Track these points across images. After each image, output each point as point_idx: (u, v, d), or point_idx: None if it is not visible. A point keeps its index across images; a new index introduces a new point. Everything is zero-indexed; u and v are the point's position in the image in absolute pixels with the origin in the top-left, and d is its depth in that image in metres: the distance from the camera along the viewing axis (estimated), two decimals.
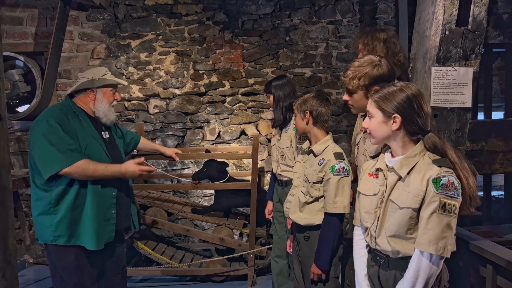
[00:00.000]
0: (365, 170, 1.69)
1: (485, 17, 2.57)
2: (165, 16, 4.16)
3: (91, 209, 2.06)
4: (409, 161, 1.49)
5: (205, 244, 3.94)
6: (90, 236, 2.06)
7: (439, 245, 1.38)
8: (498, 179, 5.50)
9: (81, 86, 2.18)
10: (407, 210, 1.45)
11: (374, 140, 1.59)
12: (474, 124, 2.83)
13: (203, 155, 3.62)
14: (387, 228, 1.51)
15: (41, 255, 4.12)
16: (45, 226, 2.05)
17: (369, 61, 1.84)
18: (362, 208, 1.65)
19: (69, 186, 2.04)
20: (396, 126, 1.49)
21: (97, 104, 2.21)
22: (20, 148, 4.07)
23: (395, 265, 1.52)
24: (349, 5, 4.20)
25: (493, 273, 2.30)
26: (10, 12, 4.03)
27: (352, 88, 1.84)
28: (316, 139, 2.19)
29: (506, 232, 3.11)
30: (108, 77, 2.25)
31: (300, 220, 2.17)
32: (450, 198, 1.39)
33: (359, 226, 1.71)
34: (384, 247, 1.52)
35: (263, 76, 4.23)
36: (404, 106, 1.48)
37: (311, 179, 2.13)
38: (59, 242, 2.04)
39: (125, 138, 2.56)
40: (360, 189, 1.69)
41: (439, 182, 1.40)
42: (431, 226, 1.40)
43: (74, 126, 2.10)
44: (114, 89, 2.28)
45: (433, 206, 1.40)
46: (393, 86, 1.54)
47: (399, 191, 1.49)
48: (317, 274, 2.08)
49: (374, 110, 1.55)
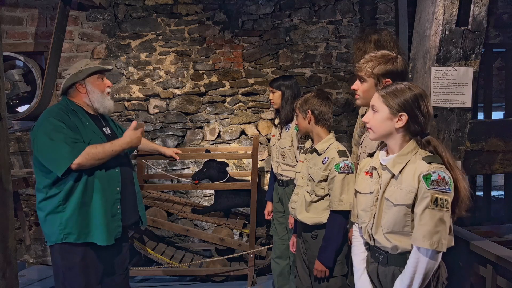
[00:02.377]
0: (362, 169, 1.70)
1: (485, 17, 2.57)
2: (165, 16, 4.16)
3: (99, 205, 2.06)
4: (402, 159, 1.51)
5: (205, 244, 3.94)
6: (101, 232, 2.06)
7: (433, 239, 1.40)
8: (498, 179, 5.50)
9: (68, 83, 2.17)
10: (401, 207, 1.48)
11: (374, 136, 1.59)
12: (474, 124, 2.82)
13: (203, 155, 3.62)
14: (383, 226, 1.53)
15: (41, 255, 4.12)
16: (54, 225, 2.04)
17: (386, 54, 1.85)
18: (359, 206, 1.67)
19: (76, 183, 2.04)
20: (401, 124, 1.50)
21: (91, 95, 2.19)
22: (20, 148, 4.06)
23: (394, 261, 1.54)
24: (349, 5, 4.20)
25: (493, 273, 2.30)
26: (10, 12, 4.03)
27: (364, 75, 1.83)
28: (318, 138, 2.20)
29: (506, 232, 3.11)
30: (91, 65, 2.22)
31: (307, 219, 2.17)
32: (441, 193, 1.41)
33: (357, 223, 1.73)
34: (383, 243, 1.53)
35: (263, 76, 4.23)
36: (411, 105, 1.49)
37: (315, 177, 2.13)
38: (69, 240, 2.03)
39: None
40: (357, 187, 1.71)
41: (430, 178, 1.42)
42: (424, 222, 1.42)
43: (76, 123, 2.09)
44: (101, 76, 2.24)
45: (425, 202, 1.42)
46: (401, 84, 1.55)
47: (393, 188, 1.51)
48: (320, 271, 2.08)
49: (380, 105, 1.54)
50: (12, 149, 4.01)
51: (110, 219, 2.10)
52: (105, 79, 2.27)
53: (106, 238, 2.07)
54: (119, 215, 2.16)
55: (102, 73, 2.26)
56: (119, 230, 2.16)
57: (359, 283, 1.68)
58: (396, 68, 1.80)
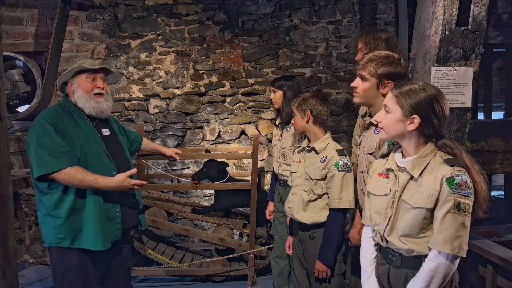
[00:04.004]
0: (375, 170, 1.66)
1: (485, 17, 2.57)
2: (165, 16, 4.16)
3: (92, 210, 2.02)
4: (421, 161, 1.47)
5: (205, 244, 3.94)
6: (95, 238, 2.02)
7: (455, 244, 1.38)
8: (498, 179, 5.50)
9: (60, 81, 2.15)
10: (421, 210, 1.44)
11: (386, 136, 1.55)
12: (474, 124, 2.83)
13: (203, 155, 3.62)
14: (399, 228, 1.49)
15: (41, 255, 4.12)
16: (49, 228, 2.02)
17: (390, 55, 1.83)
18: (373, 208, 1.62)
19: (67, 189, 2.00)
20: (413, 127, 1.46)
21: (76, 95, 2.12)
22: (20, 148, 4.07)
23: (407, 264, 1.50)
24: (349, 5, 4.20)
25: (493, 273, 2.30)
26: (10, 12, 4.03)
27: (366, 74, 1.81)
28: (316, 138, 2.21)
29: (506, 232, 3.11)
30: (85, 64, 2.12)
31: (305, 219, 2.17)
32: (464, 197, 1.38)
33: (369, 226, 1.69)
34: (398, 245, 1.50)
35: (263, 76, 4.23)
36: (425, 107, 1.44)
37: (314, 176, 2.14)
38: (64, 244, 2.01)
39: (128, 136, 2.54)
40: (370, 189, 1.66)
41: (453, 182, 1.38)
42: (446, 226, 1.39)
43: (68, 127, 2.05)
44: (90, 75, 2.13)
45: (448, 206, 1.38)
46: (415, 84, 1.50)
47: (412, 191, 1.47)
48: (322, 271, 2.08)
49: (393, 106, 1.50)
50: (12, 149, 4.02)
51: (106, 222, 2.06)
52: (99, 80, 2.15)
53: (101, 243, 2.03)
54: (118, 218, 2.12)
55: (94, 74, 2.15)
56: (118, 233, 2.12)
57: (366, 285, 1.65)
58: (399, 71, 1.80)
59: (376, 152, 1.92)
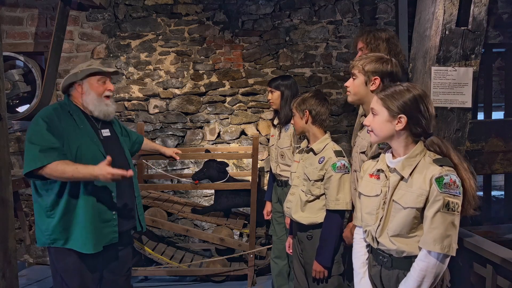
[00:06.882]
0: (366, 171, 1.68)
1: (485, 17, 2.57)
2: (165, 16, 4.16)
3: (84, 213, 2.00)
4: (411, 162, 1.49)
5: (205, 244, 3.94)
6: (84, 240, 2.00)
7: (444, 243, 1.39)
8: (498, 179, 5.49)
9: (67, 81, 2.13)
10: (411, 210, 1.46)
11: (376, 138, 1.58)
12: (474, 124, 2.83)
13: (203, 155, 3.62)
14: (389, 229, 1.51)
15: (41, 255, 4.12)
16: (42, 229, 2.03)
17: (379, 55, 1.89)
18: (364, 209, 1.63)
19: (63, 190, 1.99)
20: (400, 127, 1.49)
21: (85, 96, 2.12)
22: (20, 148, 4.07)
23: (398, 265, 1.52)
24: (349, 5, 4.20)
25: (493, 273, 2.30)
26: (10, 12, 4.03)
27: (356, 72, 1.86)
28: (315, 138, 2.21)
29: (506, 232, 3.11)
30: (94, 66, 2.14)
31: (303, 219, 2.17)
32: (453, 196, 1.40)
33: (360, 227, 1.71)
34: (388, 246, 1.51)
35: (263, 76, 4.23)
36: (410, 106, 1.48)
37: (311, 177, 2.14)
38: (57, 245, 2.02)
39: (130, 138, 2.53)
40: (361, 190, 1.68)
41: (442, 181, 1.40)
42: (435, 225, 1.40)
43: (65, 127, 2.03)
44: (102, 78, 2.15)
45: (437, 205, 1.40)
46: (400, 85, 1.54)
47: (402, 191, 1.49)
48: (319, 272, 2.08)
49: (379, 108, 1.53)
50: (12, 149, 4.02)
51: (99, 225, 2.04)
52: (108, 82, 2.18)
53: (90, 245, 2.00)
54: (114, 221, 2.10)
55: (105, 76, 2.17)
56: (113, 236, 2.10)
57: (359, 286, 1.66)
58: (387, 69, 1.82)
59: (368, 151, 1.93)
